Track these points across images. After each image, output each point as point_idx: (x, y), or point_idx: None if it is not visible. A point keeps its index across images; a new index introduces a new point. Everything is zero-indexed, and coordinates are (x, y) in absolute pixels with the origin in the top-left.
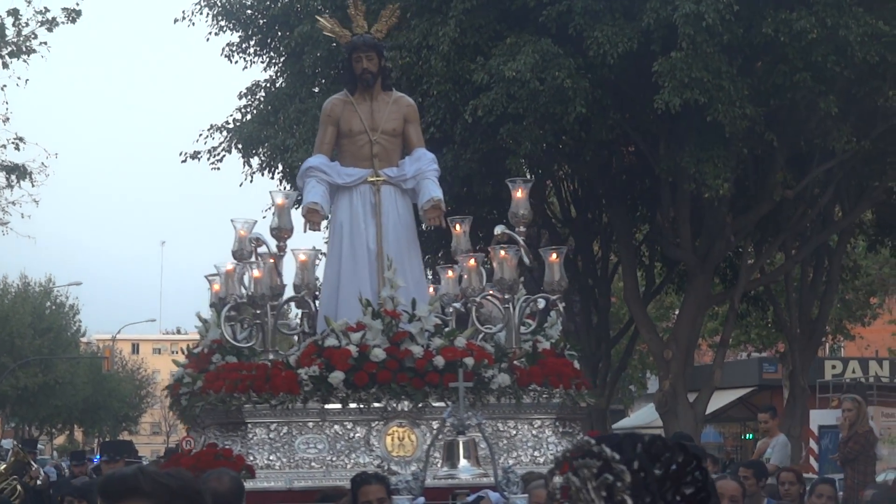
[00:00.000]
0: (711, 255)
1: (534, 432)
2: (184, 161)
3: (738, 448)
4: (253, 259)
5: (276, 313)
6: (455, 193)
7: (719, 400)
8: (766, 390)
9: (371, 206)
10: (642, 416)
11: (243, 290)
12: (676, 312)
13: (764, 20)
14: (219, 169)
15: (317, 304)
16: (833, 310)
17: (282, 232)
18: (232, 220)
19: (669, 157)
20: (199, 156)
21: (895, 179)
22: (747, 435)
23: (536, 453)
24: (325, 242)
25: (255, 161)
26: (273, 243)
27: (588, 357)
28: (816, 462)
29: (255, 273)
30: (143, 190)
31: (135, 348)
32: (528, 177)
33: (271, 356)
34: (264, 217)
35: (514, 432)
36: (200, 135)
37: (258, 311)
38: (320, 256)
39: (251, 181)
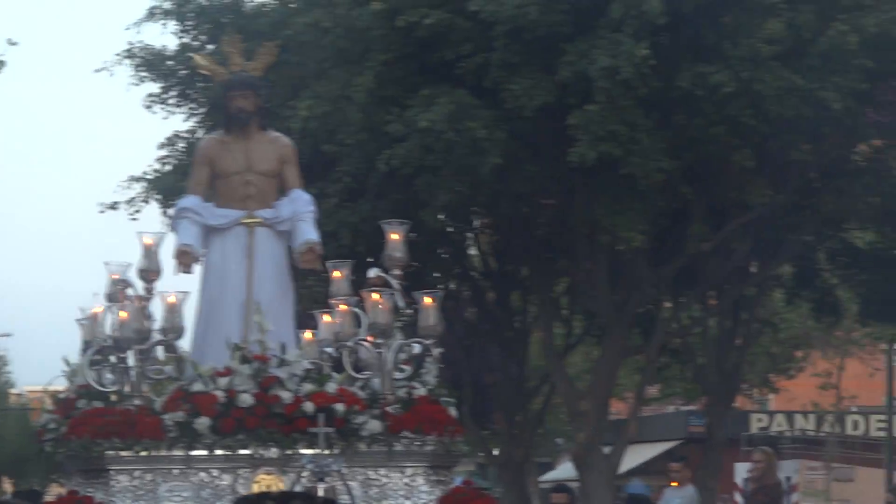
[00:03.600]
0: (628, 308)
1: (406, 480)
2: (102, 212)
3: None
4: (120, 302)
5: (143, 357)
6: (371, 244)
7: (646, 453)
8: (693, 443)
9: (244, 248)
10: (568, 470)
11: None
12: None
13: (680, 73)
14: (137, 220)
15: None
16: (759, 363)
17: (149, 273)
18: (105, 263)
19: (585, 210)
20: (117, 206)
21: (811, 234)
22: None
23: (408, 502)
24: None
25: (172, 212)
26: (140, 285)
27: (507, 409)
28: None
29: (121, 315)
30: (67, 246)
31: None
32: (446, 229)
33: (136, 401)
34: None
35: (386, 480)
36: (119, 185)
37: (122, 356)
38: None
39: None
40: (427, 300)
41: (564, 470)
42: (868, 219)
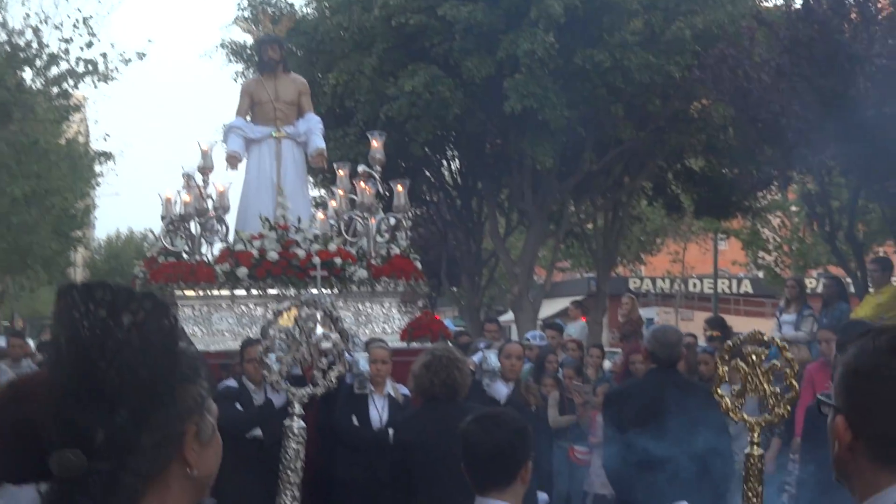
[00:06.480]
0: (544, 208)
1: (384, 311)
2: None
3: None
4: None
5: (202, 227)
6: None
7: (562, 303)
8: (591, 297)
9: (274, 153)
10: (509, 313)
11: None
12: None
13: (575, 54)
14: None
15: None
16: (633, 246)
17: (205, 169)
18: (182, 168)
19: (516, 144)
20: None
21: (663, 160)
22: None
23: (386, 325)
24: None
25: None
26: (200, 177)
27: (469, 273)
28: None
29: (186, 198)
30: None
31: None
32: (427, 157)
33: (197, 257)
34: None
35: (371, 311)
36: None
37: (187, 226)
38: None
39: None
40: (399, 187)
41: (508, 314)
42: (698, 151)
